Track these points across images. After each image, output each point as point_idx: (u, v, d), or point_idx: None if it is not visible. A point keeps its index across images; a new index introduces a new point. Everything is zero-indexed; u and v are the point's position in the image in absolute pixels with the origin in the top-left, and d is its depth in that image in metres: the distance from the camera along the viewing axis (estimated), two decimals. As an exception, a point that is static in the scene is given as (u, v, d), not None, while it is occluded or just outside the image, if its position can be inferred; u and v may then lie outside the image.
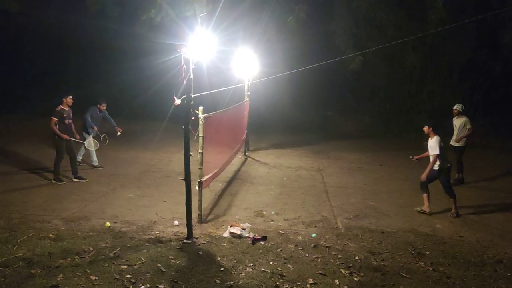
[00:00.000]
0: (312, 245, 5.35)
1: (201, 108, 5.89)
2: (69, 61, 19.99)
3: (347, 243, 5.50)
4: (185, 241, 5.33)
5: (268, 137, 14.22)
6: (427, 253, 5.26)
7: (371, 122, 17.04)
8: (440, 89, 16.95)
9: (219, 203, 7.13)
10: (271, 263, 4.82)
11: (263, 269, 4.65)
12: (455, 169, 8.80)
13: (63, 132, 7.88)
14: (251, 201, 7.29)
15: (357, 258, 5.04)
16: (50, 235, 5.33)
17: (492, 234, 6.05)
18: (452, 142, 8.88)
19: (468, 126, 8.68)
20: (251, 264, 4.76)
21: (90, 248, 5.00)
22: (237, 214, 6.57)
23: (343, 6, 13.68)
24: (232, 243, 5.34)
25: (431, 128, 6.74)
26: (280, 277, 4.50)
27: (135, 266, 4.58)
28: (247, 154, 11.37)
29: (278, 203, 7.21)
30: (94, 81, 17.40)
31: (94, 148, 8.91)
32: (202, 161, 6.03)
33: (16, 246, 4.95)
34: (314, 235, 5.67)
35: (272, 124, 16.29)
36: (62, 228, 5.67)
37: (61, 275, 4.29)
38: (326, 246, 5.35)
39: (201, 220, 6.08)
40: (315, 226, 6.12)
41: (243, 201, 7.28)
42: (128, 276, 4.36)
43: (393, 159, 11.33)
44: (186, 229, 5.47)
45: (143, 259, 4.75)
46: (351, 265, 4.84)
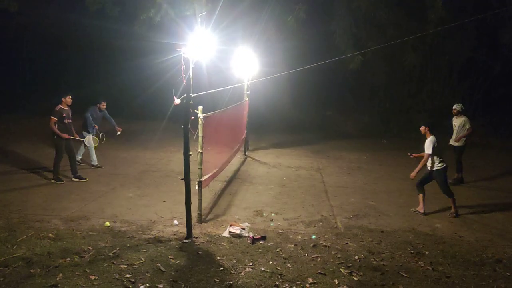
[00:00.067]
0: (311, 245, 5.35)
1: (200, 108, 5.89)
2: (69, 61, 20.01)
3: (347, 243, 5.50)
4: (184, 240, 5.33)
5: (267, 136, 14.23)
6: (427, 253, 5.26)
7: (370, 121, 17.04)
8: (440, 88, 16.96)
9: (218, 202, 7.13)
10: (270, 262, 4.82)
11: (262, 269, 4.65)
12: (454, 169, 8.83)
13: (62, 132, 7.87)
14: (251, 200, 7.29)
15: (356, 257, 5.04)
16: (50, 234, 5.33)
17: (491, 234, 6.05)
18: (452, 142, 8.88)
19: (468, 125, 8.68)
20: (251, 264, 4.76)
21: (90, 247, 5.00)
22: (237, 213, 6.57)
23: (343, 6, 13.69)
24: (232, 243, 5.35)
25: (428, 128, 6.74)
26: (279, 276, 4.50)
27: (134, 266, 4.58)
28: (246, 153, 11.37)
29: (277, 202, 7.21)
30: (94, 81, 17.45)
31: (94, 145, 8.90)
32: (201, 160, 6.03)
33: (15, 246, 4.95)
34: (314, 237, 5.67)
35: (271, 124, 16.30)
36: (62, 227, 5.67)
37: (60, 275, 4.29)
38: (326, 246, 5.35)
39: (201, 220, 6.08)
40: (315, 226, 6.12)
41: (242, 200, 7.28)
42: (127, 275, 4.37)
43: (393, 158, 11.33)
44: (185, 229, 5.47)
45: (142, 259, 4.75)
46: (350, 264, 4.84)
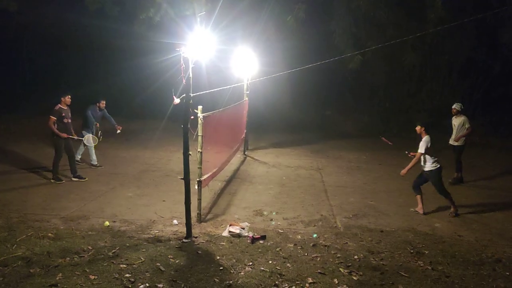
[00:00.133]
0: (311, 244, 5.35)
1: (200, 107, 5.89)
2: (69, 61, 20.01)
3: (346, 242, 5.50)
4: (184, 240, 5.33)
5: (267, 136, 14.23)
6: (426, 252, 5.26)
7: (370, 121, 17.04)
8: (440, 88, 16.98)
9: (218, 202, 7.13)
10: (270, 262, 4.82)
11: (262, 268, 4.64)
12: (454, 168, 8.83)
13: (61, 131, 7.86)
14: (250, 200, 7.29)
15: (356, 257, 5.04)
16: (49, 234, 5.33)
17: (491, 233, 6.05)
18: (451, 141, 8.88)
19: (467, 125, 8.67)
20: (250, 263, 4.76)
21: (89, 247, 4.99)
22: (236, 213, 6.57)
23: (343, 6, 13.68)
24: (231, 242, 5.35)
25: (423, 128, 6.75)
26: (279, 276, 4.50)
27: (134, 265, 4.58)
28: (246, 153, 11.37)
29: (277, 202, 7.21)
30: (94, 81, 17.43)
31: (93, 144, 8.90)
32: (201, 160, 6.03)
33: (15, 245, 4.95)
34: (316, 236, 5.67)
35: (271, 123, 16.31)
36: (61, 227, 5.66)
37: (60, 274, 4.29)
38: (325, 245, 5.35)
39: (200, 219, 6.08)
40: (314, 225, 6.12)
41: (242, 200, 7.28)
42: (127, 275, 4.36)
43: (392, 158, 11.31)
44: (185, 228, 5.47)
45: (142, 258, 4.75)
46: (350, 264, 4.84)
